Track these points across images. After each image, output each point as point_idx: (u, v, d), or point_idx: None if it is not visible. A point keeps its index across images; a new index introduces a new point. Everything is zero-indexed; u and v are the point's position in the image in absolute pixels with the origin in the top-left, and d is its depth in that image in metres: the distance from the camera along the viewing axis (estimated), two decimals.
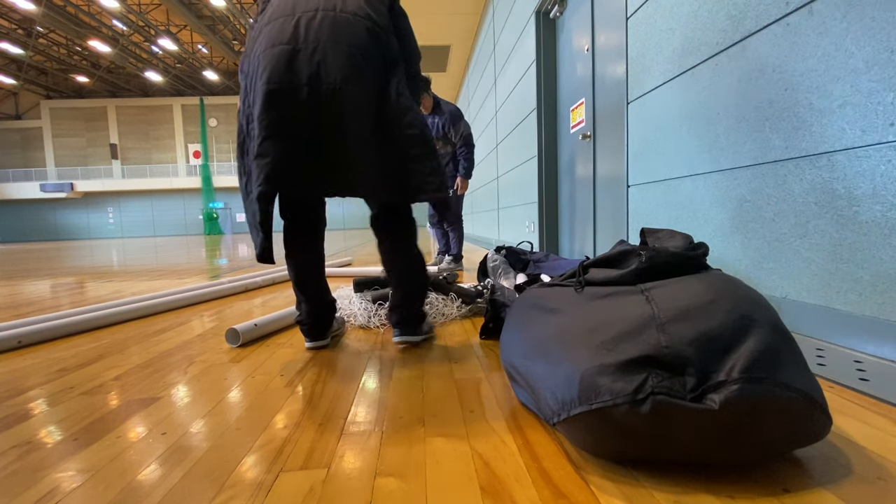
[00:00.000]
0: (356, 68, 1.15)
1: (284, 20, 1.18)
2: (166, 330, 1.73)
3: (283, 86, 1.12)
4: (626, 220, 2.17)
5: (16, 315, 2.16)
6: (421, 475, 0.67)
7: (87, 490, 0.66)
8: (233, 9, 15.82)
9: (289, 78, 1.12)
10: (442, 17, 6.43)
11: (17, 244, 19.32)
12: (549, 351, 0.74)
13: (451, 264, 3.38)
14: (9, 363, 1.35)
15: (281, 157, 1.13)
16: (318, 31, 1.15)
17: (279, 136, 1.13)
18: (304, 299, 1.37)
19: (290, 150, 1.14)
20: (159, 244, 12.23)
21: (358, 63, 1.16)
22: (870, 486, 0.61)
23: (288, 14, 1.19)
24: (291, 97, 1.13)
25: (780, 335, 0.64)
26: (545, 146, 3.42)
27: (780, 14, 1.26)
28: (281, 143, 1.13)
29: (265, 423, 0.87)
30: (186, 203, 26.46)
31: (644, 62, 1.95)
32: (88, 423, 0.89)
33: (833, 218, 1.14)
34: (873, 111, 1.02)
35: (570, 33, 3.04)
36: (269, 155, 1.13)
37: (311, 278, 1.37)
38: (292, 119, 1.13)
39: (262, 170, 1.13)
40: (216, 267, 4.56)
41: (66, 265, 5.60)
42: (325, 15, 1.17)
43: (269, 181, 1.13)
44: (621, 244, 0.84)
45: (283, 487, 0.65)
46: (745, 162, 1.41)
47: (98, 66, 22.11)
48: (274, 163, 1.13)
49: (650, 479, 0.63)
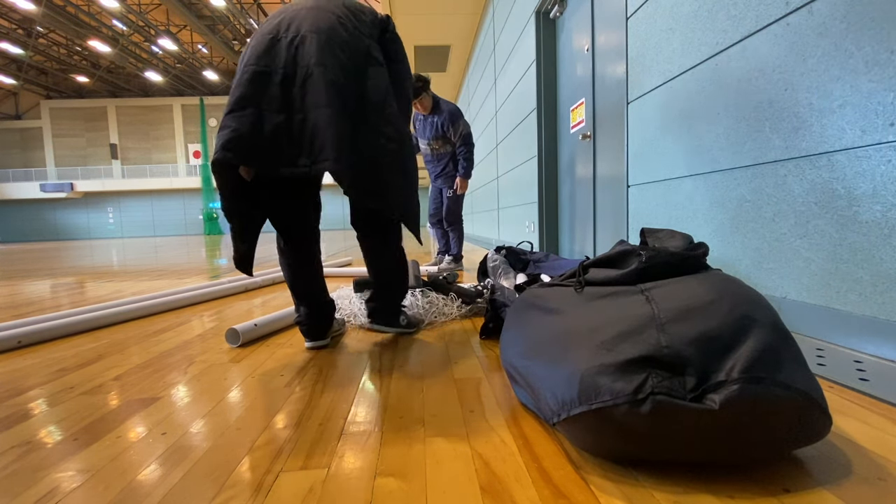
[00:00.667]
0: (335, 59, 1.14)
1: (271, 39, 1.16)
2: (166, 330, 1.73)
3: (260, 67, 1.12)
4: (626, 220, 2.17)
5: (16, 315, 2.16)
6: (421, 475, 0.67)
7: (87, 490, 0.66)
8: (233, 9, 15.82)
9: (265, 62, 1.12)
10: (442, 17, 6.43)
11: (16, 244, 19.32)
12: (549, 351, 0.74)
13: (452, 264, 3.37)
14: (9, 363, 1.35)
15: (243, 127, 1.10)
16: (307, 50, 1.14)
17: (243, 110, 1.11)
18: (299, 302, 1.38)
19: (255, 122, 1.11)
20: (159, 244, 12.23)
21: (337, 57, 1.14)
22: (870, 486, 0.61)
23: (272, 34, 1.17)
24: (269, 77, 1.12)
25: (780, 335, 0.64)
26: (545, 146, 3.42)
27: (780, 14, 1.26)
28: (244, 116, 1.10)
29: (265, 423, 0.87)
30: (186, 203, 26.46)
31: (644, 62, 1.95)
32: (88, 423, 0.89)
33: (833, 218, 1.14)
34: (873, 111, 1.02)
35: (570, 33, 3.04)
36: (230, 126, 1.10)
37: (305, 281, 1.38)
38: (264, 96, 1.12)
39: (219, 140, 1.10)
40: (216, 267, 4.56)
41: (66, 265, 5.60)
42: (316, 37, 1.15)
43: (226, 148, 1.08)
44: (621, 244, 0.84)
45: (283, 487, 0.65)
46: (745, 162, 1.41)
47: (98, 66, 22.11)
48: (234, 130, 1.09)
49: (650, 479, 0.63)
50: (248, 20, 16.82)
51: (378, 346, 1.41)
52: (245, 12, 16.65)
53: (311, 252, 1.38)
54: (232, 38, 19.85)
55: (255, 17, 18.06)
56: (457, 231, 3.42)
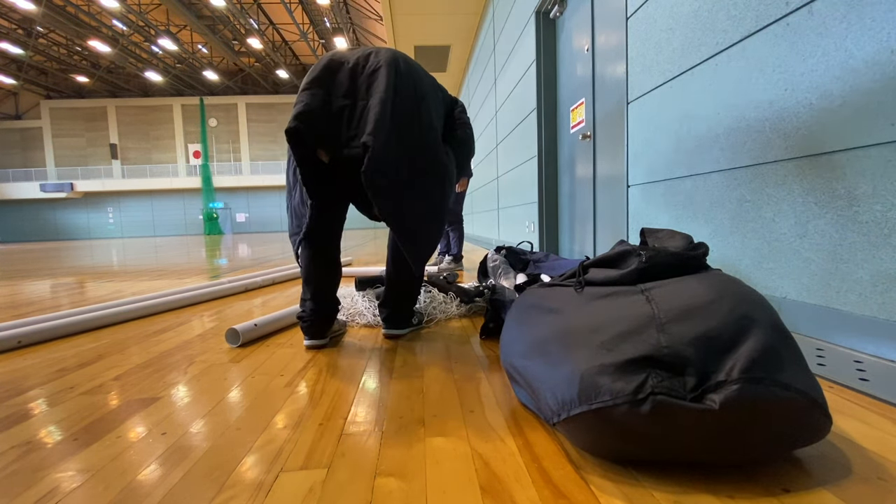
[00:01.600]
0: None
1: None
2: (166, 330, 1.73)
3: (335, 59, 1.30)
4: (626, 220, 2.17)
5: (16, 315, 2.16)
6: (421, 475, 0.67)
7: (87, 490, 0.66)
8: (233, 9, 15.82)
9: (339, 57, 1.31)
10: (442, 17, 6.43)
11: (16, 244, 19.32)
12: (549, 351, 0.74)
13: (452, 264, 3.37)
14: (9, 363, 1.35)
15: (314, 102, 1.23)
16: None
17: (313, 89, 1.25)
18: (309, 296, 1.39)
19: (325, 100, 1.24)
20: (159, 244, 12.23)
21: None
22: (870, 486, 0.61)
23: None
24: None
25: (780, 335, 0.64)
26: (545, 146, 3.42)
27: (780, 14, 1.26)
28: (315, 95, 1.24)
29: (265, 423, 0.87)
30: (186, 203, 26.45)
31: (644, 62, 1.95)
32: (88, 423, 0.89)
33: (833, 218, 1.14)
34: (873, 111, 1.02)
35: (570, 33, 3.04)
36: (302, 101, 1.23)
37: (321, 278, 1.41)
38: (334, 83, 1.26)
39: (293, 112, 1.23)
40: (216, 267, 4.56)
41: (66, 265, 5.60)
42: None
43: (298, 119, 1.20)
44: (621, 244, 0.84)
45: (283, 487, 0.65)
46: (745, 162, 1.41)
47: (98, 66, 22.11)
48: (306, 105, 1.22)
49: (650, 479, 0.63)
50: (248, 20, 16.81)
51: (378, 346, 1.41)
52: (245, 12, 16.65)
53: (333, 257, 1.44)
54: (232, 38, 19.86)
55: (255, 17, 18.06)
56: (457, 231, 3.42)
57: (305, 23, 18.71)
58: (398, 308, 1.50)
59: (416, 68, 1.35)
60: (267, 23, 19.14)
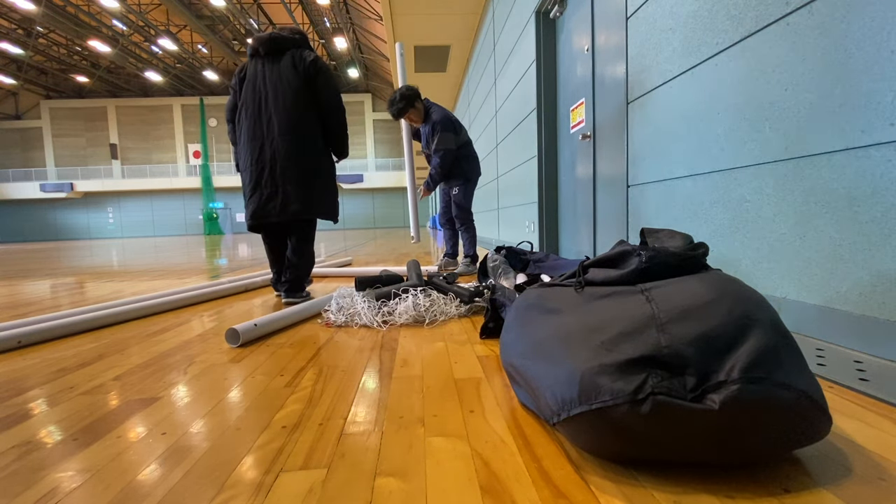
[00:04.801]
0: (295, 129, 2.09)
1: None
2: (166, 330, 1.73)
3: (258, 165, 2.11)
4: (626, 220, 2.17)
5: (16, 315, 2.16)
6: (421, 475, 0.67)
7: (87, 490, 0.66)
8: (233, 9, 15.82)
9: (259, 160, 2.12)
10: (442, 17, 6.43)
11: (16, 244, 19.33)
12: (549, 351, 0.74)
13: (469, 266, 3.25)
14: (9, 363, 1.35)
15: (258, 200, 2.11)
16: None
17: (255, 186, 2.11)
18: (275, 270, 2.31)
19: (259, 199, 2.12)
20: (159, 244, 12.23)
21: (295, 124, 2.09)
22: (870, 486, 0.61)
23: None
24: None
25: (780, 335, 0.64)
26: (545, 146, 3.42)
27: (780, 14, 1.26)
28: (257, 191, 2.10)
29: (265, 423, 0.87)
30: (186, 203, 26.46)
31: (644, 62, 1.95)
32: (88, 423, 0.89)
33: (833, 218, 1.14)
34: (873, 111, 1.02)
35: (570, 33, 3.04)
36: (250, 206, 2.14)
37: (279, 259, 2.29)
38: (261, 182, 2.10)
39: (247, 209, 2.15)
40: (216, 267, 4.56)
41: (66, 265, 5.60)
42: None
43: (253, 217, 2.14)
44: (621, 244, 0.84)
45: (283, 487, 0.65)
46: (745, 162, 1.41)
47: (98, 66, 22.11)
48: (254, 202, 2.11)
49: (650, 479, 0.63)
50: (247, 20, 16.81)
51: (378, 346, 1.41)
52: (245, 12, 16.65)
53: (285, 244, 2.28)
54: (232, 38, 19.86)
55: (255, 17, 18.06)
56: (469, 230, 3.27)
57: (305, 23, 18.72)
58: (296, 282, 2.19)
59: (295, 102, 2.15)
60: (267, 23, 19.14)
